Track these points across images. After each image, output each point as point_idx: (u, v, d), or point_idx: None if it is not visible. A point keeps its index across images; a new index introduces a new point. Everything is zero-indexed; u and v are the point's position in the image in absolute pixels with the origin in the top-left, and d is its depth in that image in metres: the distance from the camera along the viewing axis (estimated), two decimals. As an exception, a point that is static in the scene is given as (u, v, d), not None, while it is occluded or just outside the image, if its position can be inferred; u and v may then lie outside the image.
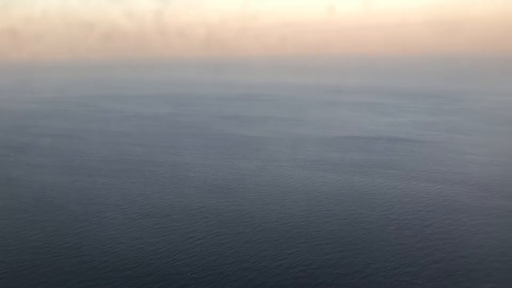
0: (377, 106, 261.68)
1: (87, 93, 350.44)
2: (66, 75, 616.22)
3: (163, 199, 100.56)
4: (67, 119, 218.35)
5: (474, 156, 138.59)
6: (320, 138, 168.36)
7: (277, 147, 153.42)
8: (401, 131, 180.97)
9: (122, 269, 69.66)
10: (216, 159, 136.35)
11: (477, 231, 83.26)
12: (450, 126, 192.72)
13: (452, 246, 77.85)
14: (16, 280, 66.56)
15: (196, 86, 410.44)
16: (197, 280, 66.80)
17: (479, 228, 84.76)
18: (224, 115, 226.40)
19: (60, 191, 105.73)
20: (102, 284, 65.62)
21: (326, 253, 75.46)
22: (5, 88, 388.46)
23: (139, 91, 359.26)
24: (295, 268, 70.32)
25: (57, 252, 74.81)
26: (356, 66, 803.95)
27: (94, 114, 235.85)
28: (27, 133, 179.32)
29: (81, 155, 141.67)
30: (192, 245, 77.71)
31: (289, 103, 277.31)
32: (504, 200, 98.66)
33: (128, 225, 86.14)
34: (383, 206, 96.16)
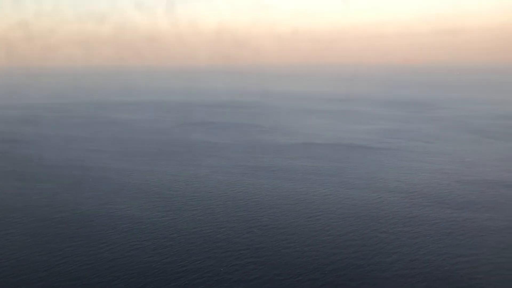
0: (353, 114, 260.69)
1: (77, 100, 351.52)
2: (65, 81, 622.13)
3: (95, 206, 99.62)
4: (39, 125, 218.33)
5: (427, 164, 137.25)
6: (280, 145, 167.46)
7: (233, 153, 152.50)
8: (364, 138, 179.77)
9: (32, 277, 68.89)
10: (164, 166, 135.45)
11: (394, 239, 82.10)
12: (417, 134, 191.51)
13: (367, 253, 76.70)
14: None
15: (187, 93, 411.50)
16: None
17: (398, 236, 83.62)
18: (193, 121, 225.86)
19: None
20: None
21: (234, 258, 74.52)
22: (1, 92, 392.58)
23: (130, 98, 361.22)
24: (196, 274, 69.32)
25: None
26: (353, 75, 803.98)
27: (67, 121, 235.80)
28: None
29: (31, 160, 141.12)
30: (106, 254, 76.86)
31: (269, 111, 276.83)
32: (436, 208, 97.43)
33: (42, 232, 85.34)
34: (312, 213, 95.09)
